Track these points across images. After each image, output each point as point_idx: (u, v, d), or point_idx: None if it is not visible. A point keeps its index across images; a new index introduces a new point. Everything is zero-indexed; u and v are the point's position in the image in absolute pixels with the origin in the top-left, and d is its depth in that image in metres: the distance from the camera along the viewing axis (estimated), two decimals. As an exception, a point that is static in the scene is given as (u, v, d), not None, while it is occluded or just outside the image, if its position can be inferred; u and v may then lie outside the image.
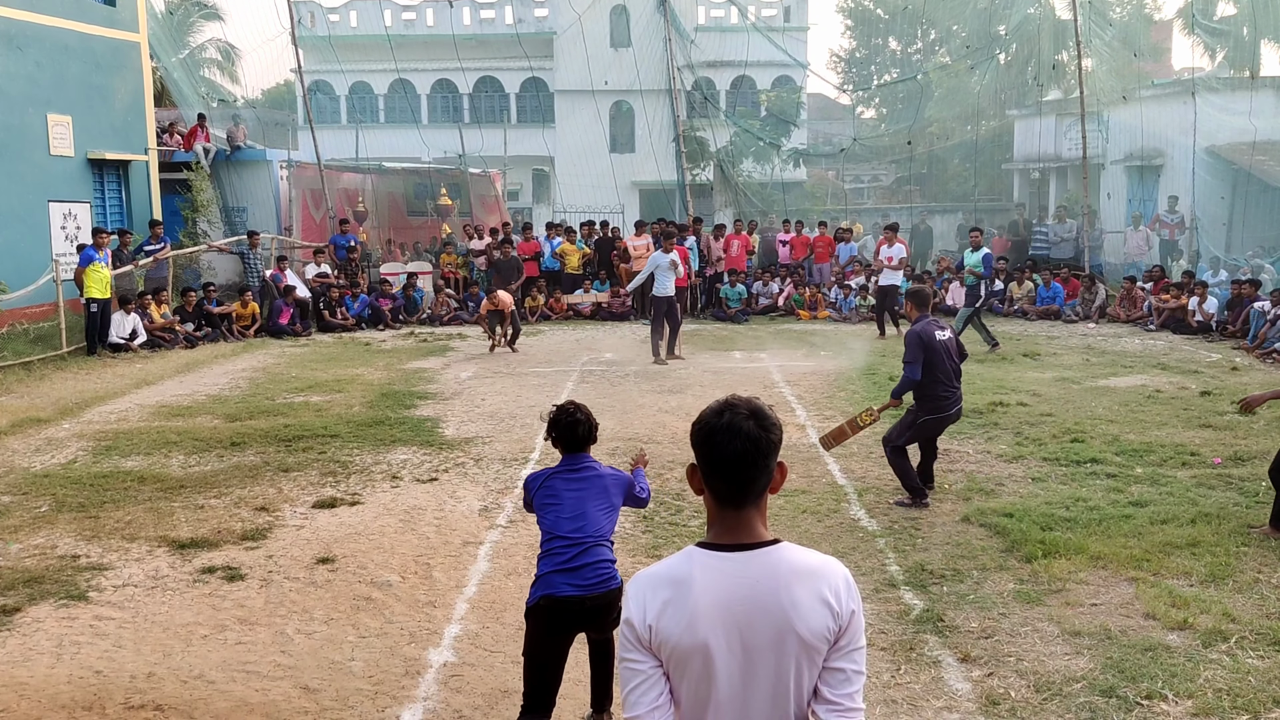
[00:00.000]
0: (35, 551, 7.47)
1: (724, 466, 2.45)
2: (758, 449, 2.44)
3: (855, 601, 2.44)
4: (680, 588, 2.41)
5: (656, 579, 2.45)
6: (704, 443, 2.48)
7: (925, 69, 31.79)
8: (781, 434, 2.51)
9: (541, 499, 4.81)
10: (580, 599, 4.58)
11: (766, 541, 2.46)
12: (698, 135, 28.53)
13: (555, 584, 4.61)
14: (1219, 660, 5.47)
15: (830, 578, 2.43)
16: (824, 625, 2.39)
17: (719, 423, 2.46)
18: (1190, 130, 21.96)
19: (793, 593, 2.38)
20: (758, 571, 2.41)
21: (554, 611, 4.61)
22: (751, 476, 2.45)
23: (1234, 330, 17.29)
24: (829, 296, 21.96)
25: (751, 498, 2.47)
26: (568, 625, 4.69)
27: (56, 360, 16.00)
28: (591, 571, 4.62)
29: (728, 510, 2.48)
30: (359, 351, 17.61)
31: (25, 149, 19.38)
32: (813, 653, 2.40)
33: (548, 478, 4.86)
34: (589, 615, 4.64)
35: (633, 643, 2.44)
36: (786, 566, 2.41)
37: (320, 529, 7.93)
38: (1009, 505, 8.12)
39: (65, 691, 5.39)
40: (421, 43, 36.90)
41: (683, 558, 2.47)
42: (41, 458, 10.24)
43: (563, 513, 4.73)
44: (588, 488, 4.79)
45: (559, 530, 4.69)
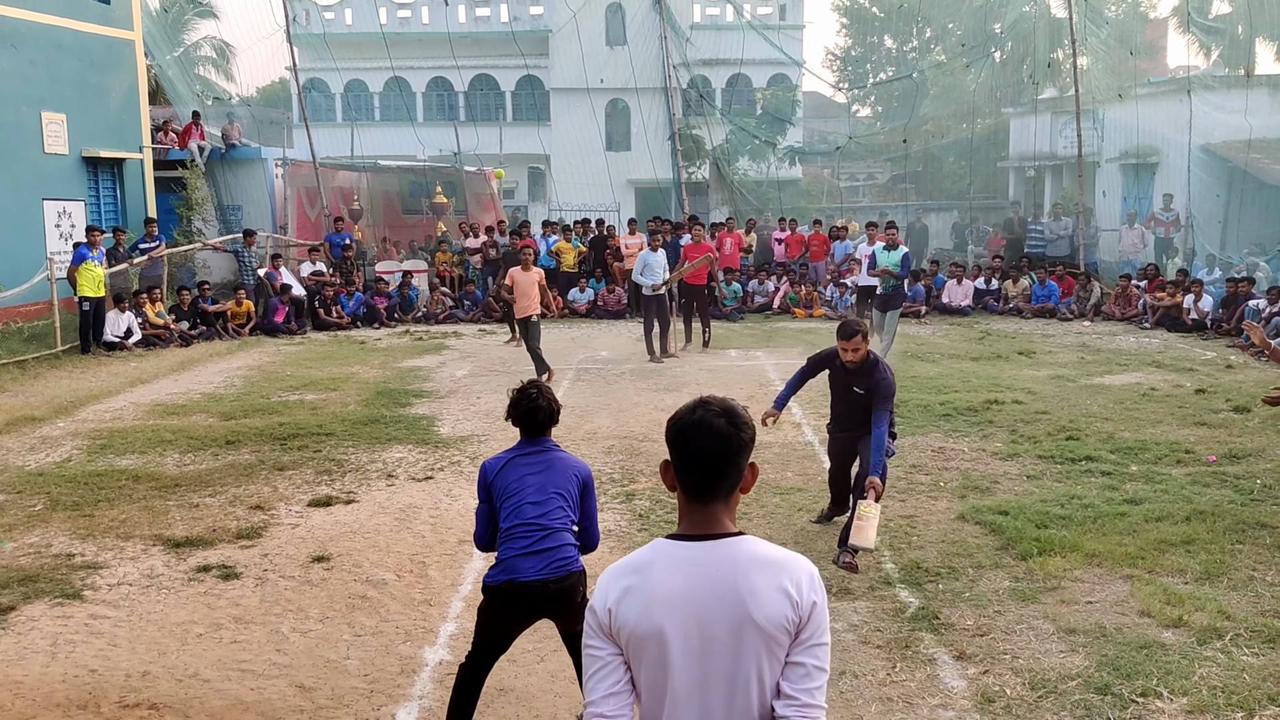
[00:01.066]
0: (30, 550, 7.46)
1: (694, 462, 2.49)
2: (728, 446, 2.47)
3: (818, 594, 2.42)
4: (640, 574, 2.44)
5: (621, 567, 2.49)
6: (676, 438, 2.52)
7: (921, 67, 31.85)
8: (753, 434, 2.53)
9: (503, 484, 4.67)
10: (544, 582, 4.53)
11: (730, 533, 2.48)
12: (693, 133, 28.55)
13: (519, 568, 4.54)
14: (1214, 658, 5.48)
15: (792, 570, 2.42)
16: (782, 614, 2.37)
17: (691, 419, 2.50)
18: (1185, 128, 21.98)
19: (750, 580, 2.39)
20: (717, 559, 2.42)
21: (516, 595, 4.56)
22: (722, 472, 2.48)
23: (1229, 328, 17.31)
24: (824, 295, 21.96)
25: (720, 494, 2.49)
26: (529, 609, 4.64)
27: (51, 359, 15.97)
28: (554, 555, 4.57)
29: (695, 505, 2.50)
30: (354, 350, 17.60)
31: (20, 147, 19.35)
32: (772, 643, 2.38)
33: (507, 462, 4.73)
34: (552, 599, 4.59)
35: (594, 629, 2.48)
36: (746, 555, 2.43)
37: (315, 527, 7.92)
38: (1004, 503, 8.12)
39: (60, 690, 5.38)
40: (417, 40, 36.87)
41: (648, 548, 2.51)
42: (36, 456, 10.22)
43: (526, 497, 4.60)
44: (550, 471, 4.68)
45: (523, 516, 4.58)
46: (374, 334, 19.76)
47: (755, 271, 23.00)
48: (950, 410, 11.58)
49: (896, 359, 15.36)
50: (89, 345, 16.70)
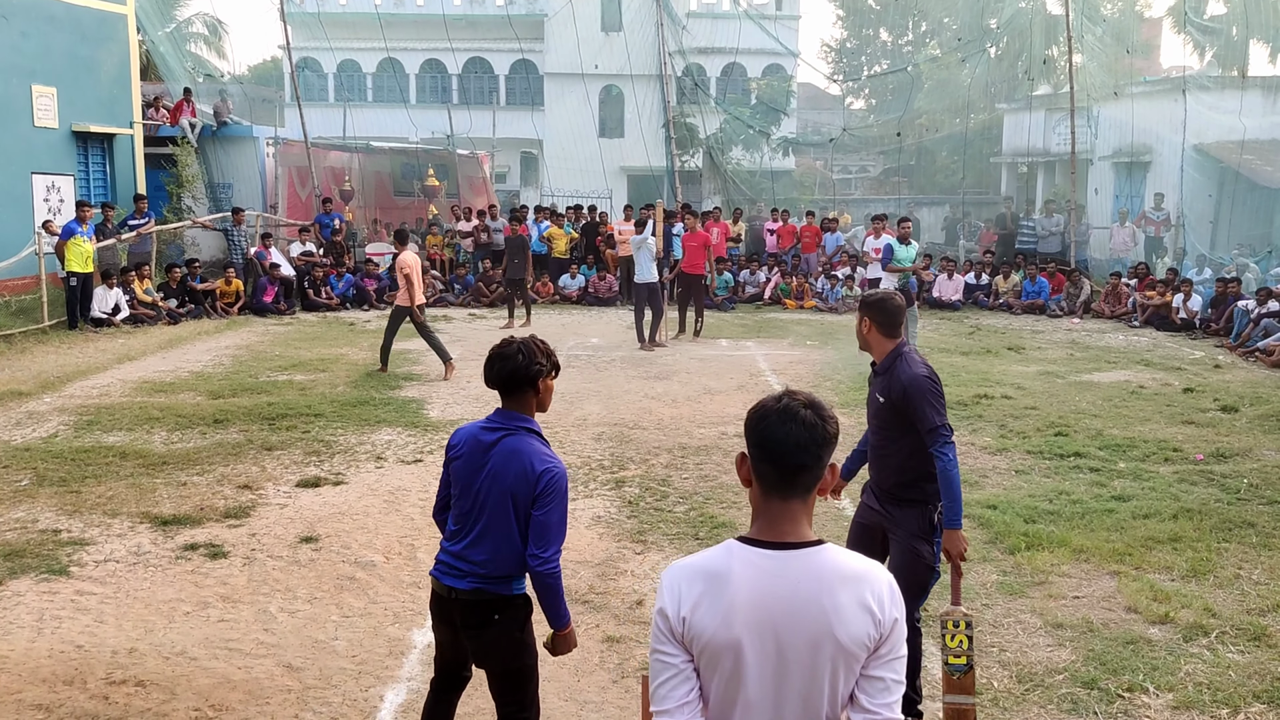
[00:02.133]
0: (16, 525, 7.42)
1: (776, 451, 2.40)
2: (812, 437, 2.39)
3: (899, 609, 2.38)
4: (717, 582, 2.34)
5: (694, 570, 2.39)
6: (757, 426, 2.43)
7: (915, 61, 31.85)
8: (838, 429, 2.45)
9: (458, 463, 3.98)
10: (452, 590, 3.90)
11: (810, 541, 2.39)
12: (687, 122, 28.50)
13: (438, 565, 4.01)
14: (1199, 654, 5.51)
15: (874, 584, 2.37)
16: (865, 632, 2.33)
17: (776, 406, 2.43)
18: (1179, 128, 22.05)
19: (835, 597, 2.32)
20: (799, 572, 2.34)
21: (435, 597, 4.02)
22: (803, 464, 2.39)
23: (1218, 328, 17.38)
24: (815, 286, 21.98)
25: (800, 489, 2.41)
26: (445, 618, 4.01)
27: (38, 334, 15.88)
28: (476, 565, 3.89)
29: (774, 500, 2.41)
30: (343, 331, 17.54)
31: (9, 120, 19.20)
32: (851, 659, 2.34)
33: (469, 434, 4.00)
34: (460, 615, 3.92)
35: (665, 634, 2.37)
36: (830, 569, 2.35)
37: (304, 508, 7.89)
38: (993, 497, 8.14)
39: (46, 665, 5.36)
40: (411, 22, 36.70)
41: (722, 551, 2.40)
42: (22, 431, 10.16)
43: (472, 485, 3.92)
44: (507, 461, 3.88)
45: (461, 507, 3.97)
46: (363, 315, 19.70)
47: (746, 261, 22.99)
48: (940, 404, 11.59)
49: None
50: (76, 321, 16.61)
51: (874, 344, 4.89)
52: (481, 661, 3.97)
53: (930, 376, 4.69)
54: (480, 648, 3.93)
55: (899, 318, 4.85)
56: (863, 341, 4.96)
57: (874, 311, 4.85)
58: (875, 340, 4.87)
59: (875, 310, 4.85)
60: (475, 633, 3.90)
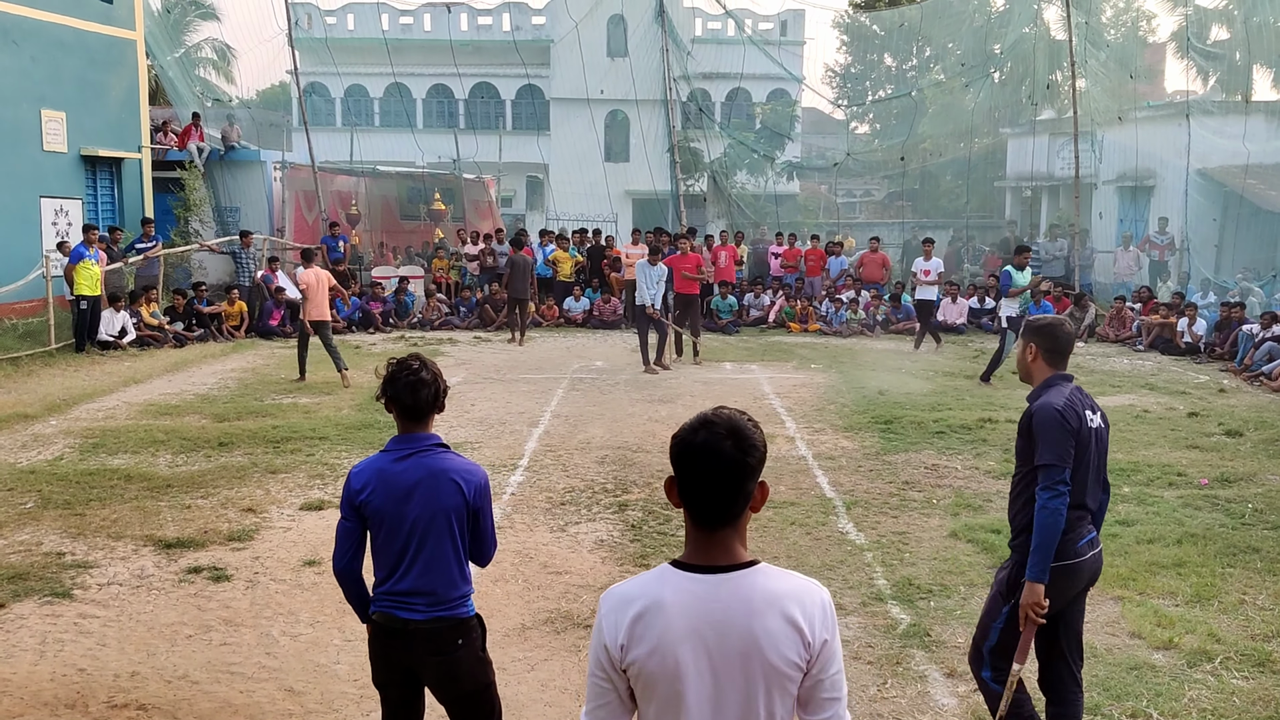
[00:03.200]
0: (20, 548, 7.43)
1: (699, 488, 2.37)
2: (734, 473, 2.35)
3: (829, 630, 2.37)
4: (651, 608, 2.33)
5: (627, 598, 2.38)
6: (679, 461, 2.40)
7: (919, 86, 31.92)
8: (763, 455, 2.41)
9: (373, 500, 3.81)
10: (405, 622, 3.80)
11: (743, 563, 2.38)
12: (692, 146, 28.62)
13: (382, 602, 3.87)
14: (1204, 680, 5.48)
15: (805, 603, 2.36)
16: (795, 652, 2.33)
17: (694, 441, 2.37)
18: (1183, 152, 22.11)
19: (765, 619, 2.32)
20: (730, 596, 2.34)
21: (386, 634, 3.87)
22: (729, 499, 2.36)
23: (1222, 352, 17.37)
24: (820, 310, 22.00)
25: (728, 519, 2.38)
26: (397, 657, 3.88)
27: (45, 356, 15.94)
28: (424, 597, 3.81)
29: (703, 530, 2.39)
30: (349, 354, 17.52)
31: (18, 144, 19.35)
32: (784, 680, 2.34)
33: (377, 472, 3.83)
34: (420, 647, 3.83)
35: (602, 662, 2.38)
36: (760, 592, 2.34)
37: (307, 531, 7.90)
38: (996, 521, 8.11)
39: (48, 689, 5.36)
40: (418, 47, 36.92)
41: (654, 577, 2.40)
42: (28, 454, 10.19)
43: (403, 517, 3.78)
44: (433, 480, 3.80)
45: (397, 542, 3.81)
46: (369, 339, 19.74)
47: (750, 285, 23.03)
48: (944, 428, 11.60)
49: (894, 375, 15.41)
50: (83, 344, 16.66)
51: (1035, 373, 4.49)
52: (449, 688, 3.89)
53: (1063, 412, 4.24)
54: (447, 675, 3.87)
55: (1068, 347, 4.49)
56: (1024, 370, 4.56)
57: (1043, 338, 4.46)
58: (1038, 369, 4.47)
59: (1045, 336, 4.46)
60: (439, 660, 3.83)
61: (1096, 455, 4.35)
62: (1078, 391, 4.39)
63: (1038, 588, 4.20)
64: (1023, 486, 4.38)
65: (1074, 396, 4.34)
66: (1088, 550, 4.35)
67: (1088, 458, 4.30)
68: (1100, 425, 4.38)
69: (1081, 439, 4.26)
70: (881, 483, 9.39)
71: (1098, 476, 4.39)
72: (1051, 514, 4.17)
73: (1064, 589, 4.32)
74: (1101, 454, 4.40)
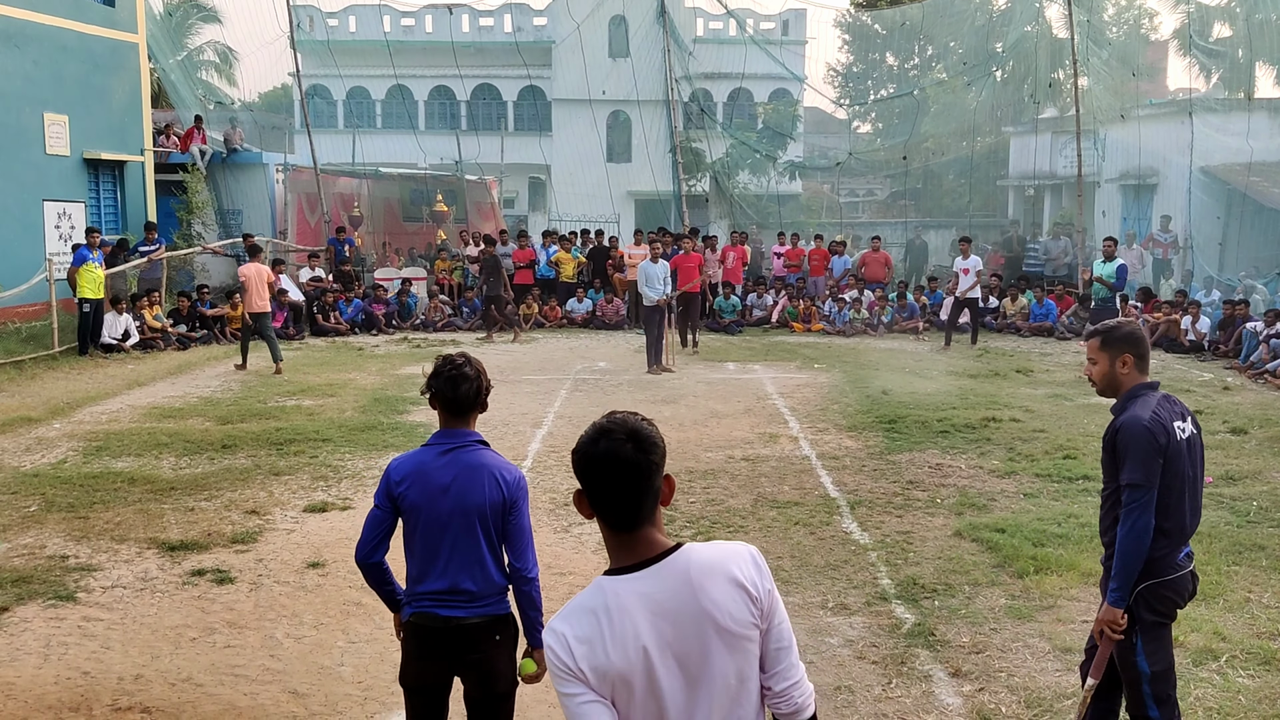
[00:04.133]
0: (24, 551, 7.44)
1: (610, 495, 2.39)
2: (639, 473, 2.38)
3: (768, 579, 2.43)
4: (601, 619, 2.34)
5: (574, 617, 2.37)
6: (584, 473, 2.42)
7: (922, 85, 31.89)
8: (664, 451, 2.44)
9: (410, 493, 3.84)
10: (447, 620, 3.79)
11: (669, 549, 2.40)
12: (694, 146, 28.60)
13: (417, 600, 3.85)
14: (1209, 679, 5.47)
15: (737, 560, 2.41)
16: (745, 609, 2.37)
17: (595, 451, 2.40)
18: (1186, 150, 22.07)
19: (708, 591, 2.35)
20: (670, 581, 2.36)
21: (426, 634, 3.84)
22: (640, 500, 2.39)
23: (1226, 350, 17.33)
24: (823, 309, 21.98)
25: (643, 519, 2.40)
26: (435, 656, 3.86)
27: (48, 359, 15.95)
28: (464, 594, 3.80)
29: (622, 535, 2.41)
30: (352, 356, 17.59)
31: (21, 148, 19.37)
32: (745, 643, 2.38)
33: (417, 465, 3.86)
34: (463, 645, 3.81)
35: (570, 680, 2.34)
36: (695, 566, 2.37)
37: (311, 533, 7.90)
38: (1001, 521, 8.11)
39: (52, 692, 5.36)
40: (420, 49, 36.91)
41: (594, 591, 2.40)
42: (31, 457, 10.20)
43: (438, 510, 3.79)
44: (471, 476, 3.80)
45: (432, 536, 3.81)
46: (372, 341, 19.75)
47: (753, 285, 23.02)
48: (948, 427, 11.58)
49: (897, 374, 15.39)
50: (87, 347, 16.68)
51: (1125, 382, 4.16)
52: (487, 686, 3.87)
53: (1150, 427, 3.95)
54: (487, 673, 3.85)
55: (1149, 348, 4.27)
56: (1113, 383, 4.20)
57: (1134, 344, 4.15)
58: (1129, 378, 4.15)
59: (1136, 343, 4.16)
60: (480, 658, 3.82)
61: (1190, 467, 4.07)
62: (1165, 400, 4.11)
63: (1115, 611, 4.03)
64: (1110, 504, 4.14)
65: (1162, 407, 4.06)
66: (1187, 564, 4.14)
67: (1180, 470, 4.03)
68: (1193, 433, 4.10)
69: (1170, 453, 3.99)
70: (885, 482, 9.38)
71: (1194, 490, 4.10)
72: (1135, 536, 3.96)
73: (1172, 604, 4.13)
74: (1196, 465, 4.12)
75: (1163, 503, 4.00)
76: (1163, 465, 3.97)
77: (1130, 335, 4.18)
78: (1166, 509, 4.01)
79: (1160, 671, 4.11)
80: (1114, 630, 4.05)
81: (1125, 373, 4.16)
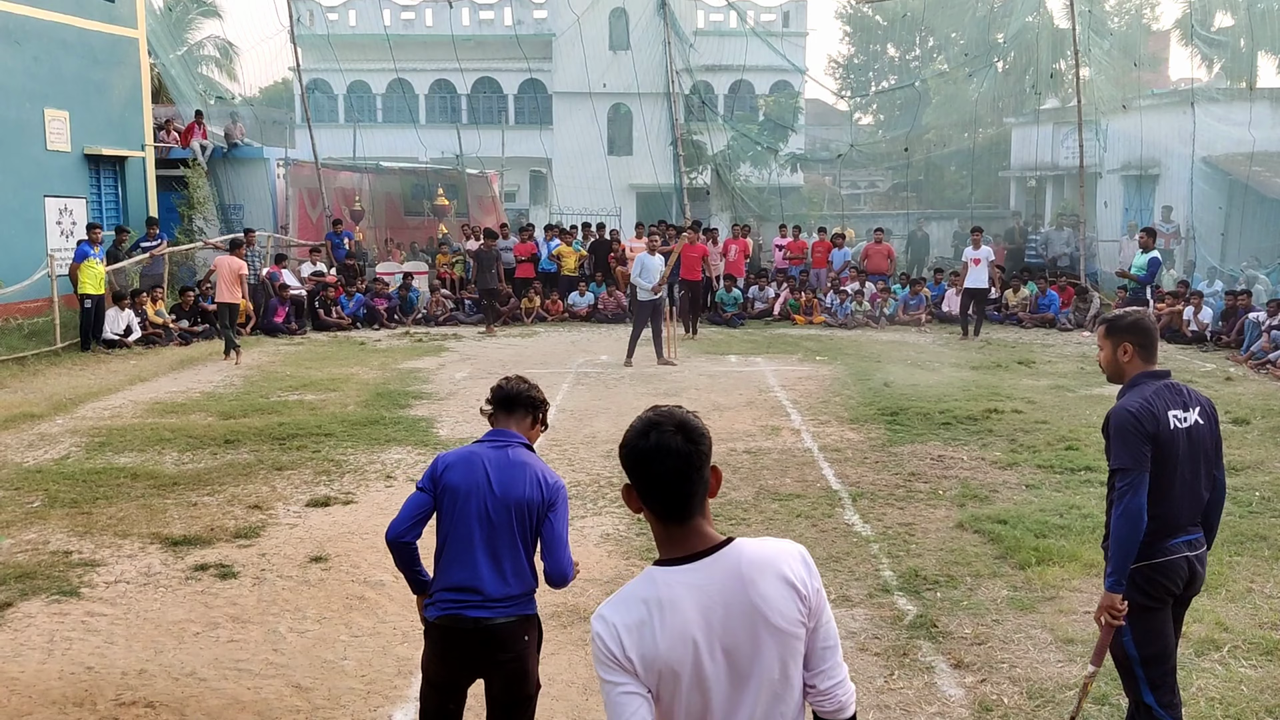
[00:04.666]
0: (27, 547, 7.45)
1: (659, 487, 2.43)
2: (690, 464, 2.42)
3: (817, 578, 2.46)
4: (651, 608, 2.36)
5: (624, 606, 2.40)
6: (634, 467, 2.45)
7: (923, 76, 31.89)
8: (710, 442, 2.48)
9: (452, 482, 3.91)
10: (476, 621, 3.82)
11: (720, 543, 2.43)
12: (695, 139, 28.59)
13: (445, 602, 3.88)
14: (1212, 669, 5.48)
15: (787, 558, 2.44)
16: (794, 608, 2.39)
17: (646, 445, 2.43)
18: (1188, 140, 22.02)
19: (758, 586, 2.37)
20: (721, 575, 2.38)
21: (453, 635, 3.87)
22: (689, 492, 2.43)
23: (1228, 340, 17.32)
24: (825, 302, 21.97)
25: (694, 510, 2.44)
26: (467, 656, 3.88)
27: (50, 355, 15.96)
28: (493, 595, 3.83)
29: (673, 527, 2.45)
30: (354, 351, 17.59)
31: (22, 144, 19.36)
32: (792, 639, 2.40)
33: (465, 451, 4.00)
34: (491, 646, 3.84)
35: (614, 669, 2.37)
36: (746, 562, 2.40)
37: (313, 528, 7.91)
38: (1003, 512, 8.12)
39: (56, 687, 5.37)
40: (420, 43, 36.88)
41: (645, 580, 2.43)
42: (34, 453, 10.21)
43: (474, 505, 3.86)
44: (514, 474, 3.88)
45: (466, 532, 3.87)
46: (374, 335, 19.76)
47: (755, 278, 23.00)
48: (950, 419, 11.58)
49: (899, 367, 15.39)
50: (89, 343, 16.69)
51: (1128, 370, 4.23)
52: (514, 688, 3.89)
53: (1136, 414, 4.04)
54: (515, 673, 3.87)
55: (1156, 338, 4.29)
56: (1116, 371, 4.28)
57: (1136, 334, 4.22)
58: (1132, 367, 4.22)
59: (1138, 332, 4.22)
60: (509, 658, 3.84)
61: (1190, 455, 4.10)
62: (1167, 390, 4.14)
63: (1113, 596, 4.06)
64: (1110, 493, 4.19)
65: (1157, 396, 4.10)
66: (1185, 550, 4.13)
67: (1172, 458, 4.06)
68: (1196, 422, 4.11)
69: (1162, 440, 4.04)
70: (887, 474, 9.39)
71: (1195, 476, 4.13)
72: (1126, 519, 4.01)
73: (1163, 588, 4.12)
74: (1197, 453, 4.12)
75: (1153, 488, 4.04)
76: (1152, 452, 4.02)
77: (1134, 325, 4.23)
78: (1157, 495, 4.05)
79: (1152, 655, 4.12)
80: (1114, 616, 4.06)
81: (1126, 361, 4.22)
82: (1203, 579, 4.26)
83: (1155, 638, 4.13)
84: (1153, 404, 4.07)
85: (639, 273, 15.61)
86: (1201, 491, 4.18)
